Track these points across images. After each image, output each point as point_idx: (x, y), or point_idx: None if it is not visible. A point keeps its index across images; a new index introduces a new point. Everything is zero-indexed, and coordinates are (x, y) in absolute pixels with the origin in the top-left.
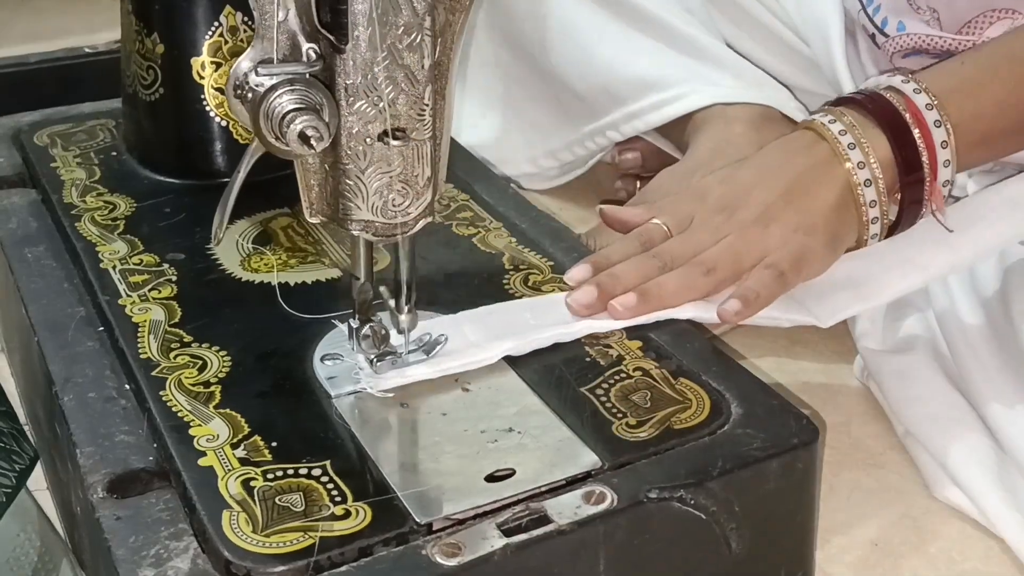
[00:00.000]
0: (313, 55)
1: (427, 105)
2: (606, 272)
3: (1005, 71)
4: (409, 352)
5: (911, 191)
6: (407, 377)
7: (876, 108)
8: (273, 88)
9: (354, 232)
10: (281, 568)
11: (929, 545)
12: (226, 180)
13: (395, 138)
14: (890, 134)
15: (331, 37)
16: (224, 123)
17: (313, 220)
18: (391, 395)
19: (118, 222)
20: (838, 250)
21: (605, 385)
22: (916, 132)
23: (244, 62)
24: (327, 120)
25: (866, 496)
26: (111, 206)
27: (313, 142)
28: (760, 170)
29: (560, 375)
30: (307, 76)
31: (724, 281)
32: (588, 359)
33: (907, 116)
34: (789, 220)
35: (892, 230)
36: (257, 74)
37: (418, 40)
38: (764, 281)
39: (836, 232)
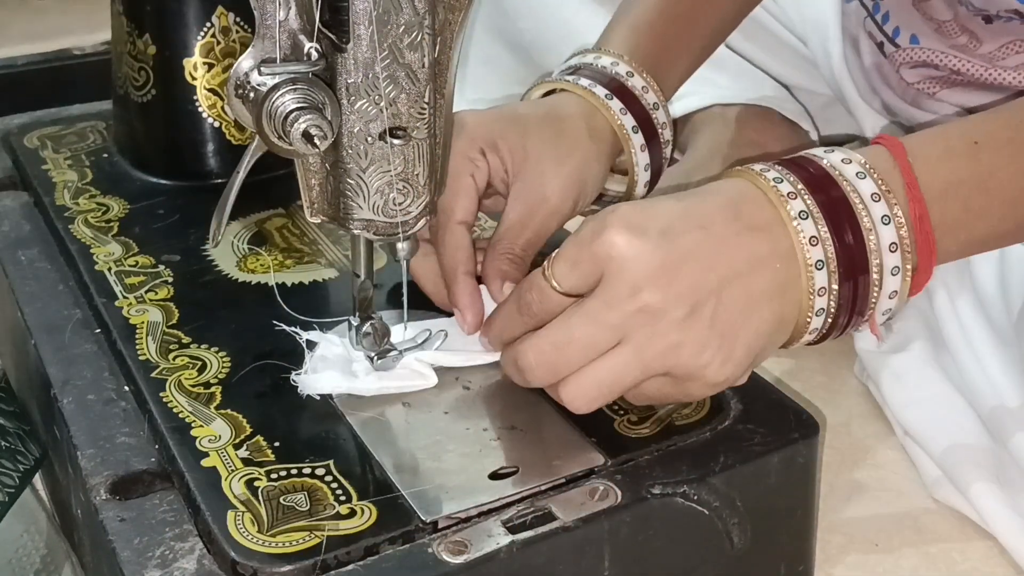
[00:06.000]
0: (315, 54)
1: (428, 104)
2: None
3: None
4: (406, 348)
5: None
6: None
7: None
8: (276, 87)
9: (355, 231)
10: (288, 567)
11: (929, 545)
12: (219, 181)
13: (396, 137)
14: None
15: (332, 36)
16: (217, 124)
17: (314, 220)
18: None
19: (112, 224)
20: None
21: None
22: (875, 276)
23: (245, 61)
24: (330, 119)
25: (866, 496)
26: (104, 208)
27: (317, 141)
28: (704, 241)
29: None
30: (309, 75)
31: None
32: None
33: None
34: (708, 341)
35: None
36: (260, 73)
37: (419, 39)
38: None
39: (757, 360)
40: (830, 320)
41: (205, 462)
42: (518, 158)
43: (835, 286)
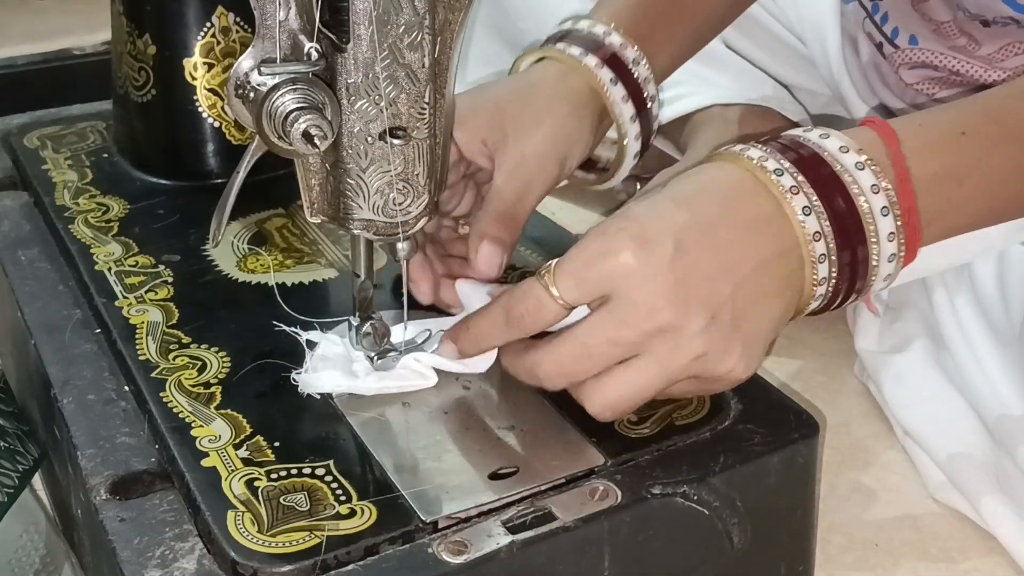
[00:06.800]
0: (315, 54)
1: (428, 104)
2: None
3: (1013, 151)
4: (405, 348)
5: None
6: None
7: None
8: (276, 87)
9: (355, 231)
10: (288, 567)
11: (929, 545)
12: (219, 181)
13: (396, 137)
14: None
15: (332, 36)
16: (217, 124)
17: (314, 220)
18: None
19: (112, 224)
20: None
21: None
22: (873, 250)
23: (245, 61)
24: (330, 119)
25: (866, 496)
26: (104, 208)
27: (317, 141)
28: (712, 251)
29: None
30: (309, 75)
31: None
32: None
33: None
34: (730, 346)
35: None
36: (260, 73)
37: (419, 39)
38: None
39: (767, 344)
40: (827, 304)
41: (205, 462)
42: (495, 132)
43: (834, 277)
